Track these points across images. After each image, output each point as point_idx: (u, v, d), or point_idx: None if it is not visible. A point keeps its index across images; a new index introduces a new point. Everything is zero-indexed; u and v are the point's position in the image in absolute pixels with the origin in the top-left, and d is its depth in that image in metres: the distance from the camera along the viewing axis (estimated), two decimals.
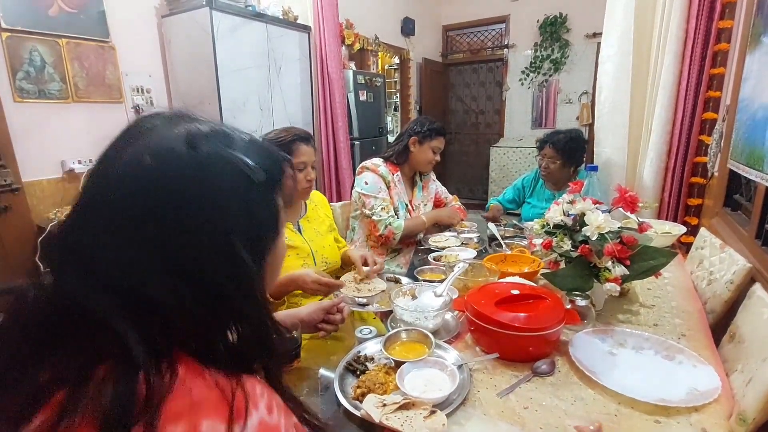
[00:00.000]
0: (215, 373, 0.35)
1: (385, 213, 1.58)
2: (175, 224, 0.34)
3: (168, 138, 0.36)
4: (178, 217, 0.34)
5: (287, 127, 1.26)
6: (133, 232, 0.34)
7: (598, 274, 0.99)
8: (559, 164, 1.93)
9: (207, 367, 0.35)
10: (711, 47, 1.79)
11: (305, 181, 1.24)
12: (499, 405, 0.73)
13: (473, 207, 4.96)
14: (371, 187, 1.61)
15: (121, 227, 0.34)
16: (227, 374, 0.35)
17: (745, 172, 1.28)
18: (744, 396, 0.70)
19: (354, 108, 3.26)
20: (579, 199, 1.07)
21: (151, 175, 0.34)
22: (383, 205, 1.59)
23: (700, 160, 1.89)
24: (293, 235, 1.27)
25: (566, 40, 4.49)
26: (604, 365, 0.81)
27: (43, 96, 1.90)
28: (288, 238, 1.24)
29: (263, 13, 2.49)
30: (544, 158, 1.97)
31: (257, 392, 0.36)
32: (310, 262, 1.27)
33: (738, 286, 1.09)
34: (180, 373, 0.33)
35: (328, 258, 1.33)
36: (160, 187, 0.34)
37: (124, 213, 0.34)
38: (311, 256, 1.28)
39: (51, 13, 1.89)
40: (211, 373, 0.35)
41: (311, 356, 0.92)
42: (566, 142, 1.92)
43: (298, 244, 1.26)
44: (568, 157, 1.93)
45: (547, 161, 1.96)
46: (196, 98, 2.31)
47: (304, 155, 1.22)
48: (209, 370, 0.35)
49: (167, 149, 0.35)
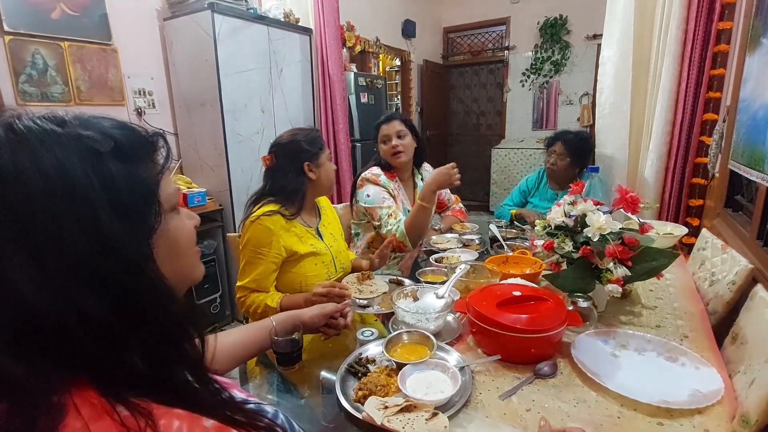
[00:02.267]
0: (123, 411, 0.31)
1: (392, 220, 1.54)
2: (26, 225, 0.31)
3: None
4: (24, 216, 0.31)
5: (296, 129, 1.29)
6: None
7: (599, 276, 0.99)
8: (568, 162, 1.93)
9: (114, 403, 0.31)
10: (711, 48, 1.80)
11: (333, 172, 1.30)
12: (501, 407, 0.73)
13: (474, 208, 4.97)
14: (374, 198, 1.57)
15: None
16: (138, 410, 0.31)
17: (745, 173, 1.28)
18: (747, 398, 0.70)
19: (355, 110, 3.26)
20: (580, 200, 1.07)
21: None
22: (389, 212, 1.55)
23: (701, 160, 1.89)
24: (317, 241, 1.27)
25: (567, 42, 4.49)
26: (606, 367, 0.80)
27: (45, 98, 1.91)
28: (313, 245, 1.24)
29: (265, 16, 2.50)
30: (552, 155, 1.97)
31: (173, 428, 0.32)
32: (332, 268, 1.28)
33: (740, 287, 1.08)
34: (83, 415, 0.30)
35: (343, 263, 1.34)
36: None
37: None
38: (333, 263, 1.29)
39: (53, 16, 1.90)
40: (119, 412, 0.31)
41: (312, 358, 0.92)
42: (576, 142, 1.93)
43: (322, 251, 1.26)
44: (577, 157, 1.93)
45: (555, 158, 1.95)
46: (197, 100, 2.32)
47: (327, 147, 1.29)
48: (116, 407, 0.31)
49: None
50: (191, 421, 0.33)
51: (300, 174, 1.23)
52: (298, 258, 1.20)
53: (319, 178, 1.26)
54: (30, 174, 0.32)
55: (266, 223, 1.15)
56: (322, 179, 1.27)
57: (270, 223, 1.15)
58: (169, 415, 0.33)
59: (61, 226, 0.31)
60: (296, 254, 1.19)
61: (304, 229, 1.25)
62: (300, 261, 1.21)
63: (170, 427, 0.32)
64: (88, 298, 0.32)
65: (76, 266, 0.32)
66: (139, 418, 0.31)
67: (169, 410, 0.33)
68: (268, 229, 1.15)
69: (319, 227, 1.32)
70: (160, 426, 0.32)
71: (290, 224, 1.20)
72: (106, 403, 0.31)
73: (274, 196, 1.22)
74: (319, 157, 1.25)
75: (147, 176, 0.39)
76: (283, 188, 1.22)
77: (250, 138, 2.45)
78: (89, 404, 0.31)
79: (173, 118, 2.46)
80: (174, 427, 0.32)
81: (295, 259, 1.20)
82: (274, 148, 1.26)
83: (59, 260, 0.31)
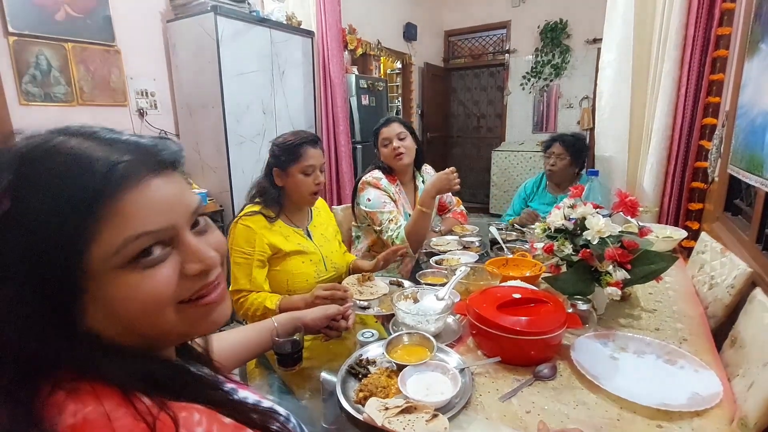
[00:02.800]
0: (141, 405, 0.30)
1: (393, 225, 1.53)
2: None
3: None
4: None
5: (295, 131, 1.27)
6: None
7: (599, 278, 0.99)
8: (567, 162, 1.94)
9: (134, 398, 0.31)
10: (710, 53, 1.81)
11: (314, 184, 1.22)
12: (501, 409, 0.73)
13: (475, 211, 4.98)
14: (374, 202, 1.57)
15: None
16: (157, 403, 0.31)
17: (745, 177, 1.29)
18: (746, 401, 0.70)
19: (356, 112, 3.28)
20: (580, 203, 1.07)
21: None
22: (390, 217, 1.54)
23: (701, 165, 1.90)
24: (305, 241, 1.27)
25: (567, 46, 4.51)
26: (605, 369, 0.81)
27: (48, 99, 1.92)
28: (300, 243, 1.24)
29: (267, 19, 2.51)
30: (551, 156, 1.98)
31: (194, 420, 0.32)
32: (321, 267, 1.28)
33: (739, 290, 1.09)
34: (104, 404, 0.30)
35: (336, 263, 1.34)
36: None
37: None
38: (323, 262, 1.28)
39: (57, 17, 1.91)
40: (138, 405, 0.30)
41: (313, 359, 0.92)
42: (574, 141, 1.95)
43: (310, 250, 1.26)
44: (576, 156, 1.95)
45: (555, 159, 1.96)
46: (199, 101, 2.33)
47: (312, 158, 1.20)
48: (136, 402, 0.31)
49: None
50: (210, 416, 0.33)
51: (272, 177, 1.23)
52: (282, 256, 1.20)
53: (287, 187, 1.23)
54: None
55: (247, 223, 1.17)
56: (290, 189, 1.23)
57: (251, 223, 1.17)
58: (189, 408, 0.32)
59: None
60: (281, 251, 1.19)
61: (291, 228, 1.25)
62: (285, 259, 1.21)
63: (190, 418, 0.31)
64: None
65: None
66: (158, 409, 0.31)
67: (188, 404, 0.33)
68: (249, 228, 1.17)
69: (308, 227, 1.32)
70: (180, 418, 0.31)
71: (273, 224, 1.21)
72: (125, 397, 0.31)
73: (259, 196, 1.24)
74: (287, 167, 1.20)
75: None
76: (263, 188, 1.24)
77: (252, 139, 2.46)
78: (109, 393, 0.31)
79: (175, 119, 2.48)
80: (195, 420, 0.32)
81: (280, 256, 1.20)
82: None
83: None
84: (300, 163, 1.19)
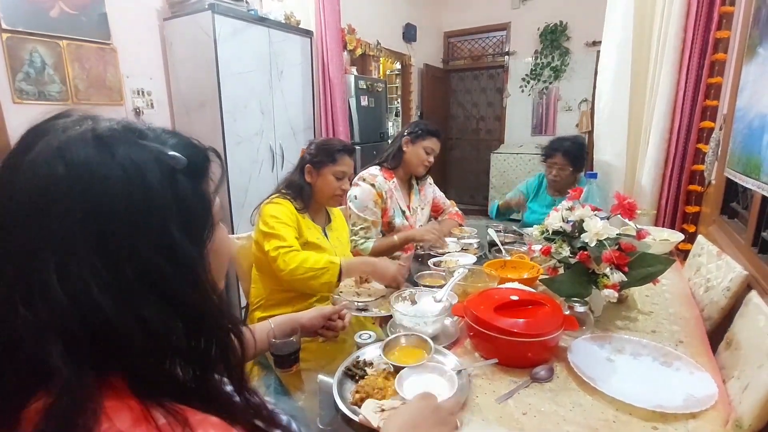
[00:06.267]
0: (160, 418, 0.31)
1: (363, 233, 1.58)
2: (104, 228, 0.32)
3: (76, 141, 0.34)
4: (104, 219, 0.32)
5: (336, 138, 1.36)
6: (59, 245, 0.31)
7: (596, 281, 0.99)
8: (570, 171, 1.94)
9: (151, 407, 0.31)
10: (708, 57, 1.82)
11: (340, 189, 1.32)
12: (497, 411, 0.73)
13: (473, 212, 4.98)
14: (358, 203, 1.60)
15: (38, 239, 0.31)
16: (175, 416, 0.32)
17: (741, 181, 1.30)
18: (740, 403, 0.71)
19: (355, 113, 3.27)
20: (578, 205, 1.07)
21: (65, 183, 0.32)
22: (364, 225, 1.58)
23: (698, 168, 1.91)
24: (323, 238, 1.33)
25: (566, 48, 4.53)
26: (602, 371, 0.81)
27: (42, 97, 1.90)
28: (318, 238, 1.30)
29: (265, 18, 2.50)
30: (553, 167, 1.95)
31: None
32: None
33: (735, 293, 1.09)
34: (120, 421, 0.30)
35: None
36: (80, 193, 0.32)
37: (41, 226, 0.31)
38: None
39: (52, 14, 1.89)
40: (156, 419, 0.31)
41: (310, 361, 0.92)
42: (575, 149, 1.93)
43: (326, 247, 1.30)
44: (577, 164, 1.94)
45: (557, 170, 1.94)
46: (196, 100, 2.32)
47: (346, 165, 1.31)
48: (153, 413, 0.31)
49: (77, 154, 0.33)
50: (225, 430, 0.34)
51: (303, 173, 1.31)
52: (303, 243, 1.25)
53: (315, 184, 1.31)
54: (114, 176, 0.33)
55: (280, 202, 1.26)
56: (318, 188, 1.32)
57: (284, 203, 1.26)
58: (205, 423, 0.33)
59: (135, 233, 0.33)
60: (303, 238, 1.25)
61: (312, 224, 1.32)
62: (304, 248, 1.25)
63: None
64: (150, 305, 0.33)
65: (143, 273, 0.33)
66: (176, 426, 0.31)
67: (205, 417, 0.33)
68: (282, 205, 1.25)
69: (326, 228, 1.38)
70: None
71: (299, 215, 1.28)
72: (143, 409, 0.31)
73: (287, 189, 1.32)
74: (321, 167, 1.29)
75: (208, 191, 0.41)
76: (292, 182, 1.32)
77: (249, 139, 2.45)
78: (127, 408, 0.31)
79: (172, 118, 2.46)
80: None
81: (301, 243, 1.24)
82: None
83: (129, 265, 0.33)
84: (335, 166, 1.29)
